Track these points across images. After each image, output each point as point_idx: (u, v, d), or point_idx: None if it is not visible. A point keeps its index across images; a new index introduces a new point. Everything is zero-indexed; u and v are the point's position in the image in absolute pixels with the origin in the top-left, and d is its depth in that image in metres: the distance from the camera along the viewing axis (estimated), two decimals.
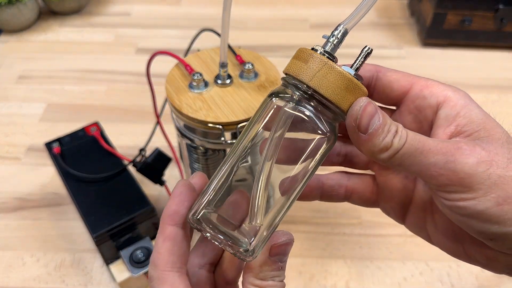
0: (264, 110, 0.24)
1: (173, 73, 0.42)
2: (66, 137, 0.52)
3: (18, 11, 0.86)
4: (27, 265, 0.52)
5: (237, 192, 0.26)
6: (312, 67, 0.22)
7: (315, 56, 0.23)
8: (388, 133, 0.22)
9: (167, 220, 0.25)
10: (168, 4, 0.99)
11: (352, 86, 0.23)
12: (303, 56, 0.23)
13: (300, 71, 0.23)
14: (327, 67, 0.22)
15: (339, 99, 0.22)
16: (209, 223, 0.24)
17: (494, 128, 0.23)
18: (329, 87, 0.22)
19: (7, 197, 0.60)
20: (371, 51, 0.24)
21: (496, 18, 0.80)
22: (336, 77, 0.22)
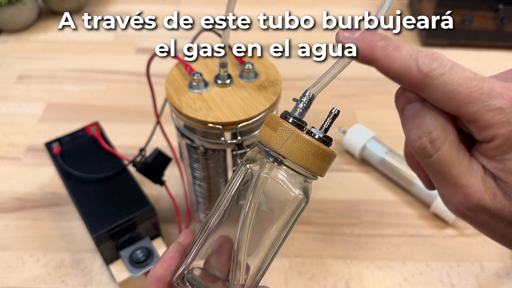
0: (238, 176, 0.26)
1: (173, 73, 0.42)
2: (66, 137, 0.52)
3: (18, 11, 0.86)
4: (27, 265, 0.52)
5: (220, 238, 0.27)
6: (281, 136, 0.24)
7: (283, 125, 0.24)
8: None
9: (152, 282, 0.25)
10: (168, 4, 0.99)
11: (319, 152, 0.24)
12: (272, 124, 0.25)
13: (270, 139, 0.24)
14: (294, 135, 0.24)
15: (308, 164, 0.24)
16: (194, 282, 0.26)
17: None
18: (297, 154, 0.24)
19: (6, 197, 0.60)
20: (338, 112, 0.25)
21: (496, 18, 0.80)
22: (303, 144, 0.24)
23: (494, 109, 0.20)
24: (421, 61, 0.21)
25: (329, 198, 0.59)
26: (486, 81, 0.21)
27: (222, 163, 0.45)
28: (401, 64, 0.21)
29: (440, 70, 0.21)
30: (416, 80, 0.21)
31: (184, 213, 0.56)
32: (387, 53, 0.22)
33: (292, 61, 0.85)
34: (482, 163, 0.22)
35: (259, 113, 0.38)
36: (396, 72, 0.22)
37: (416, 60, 0.21)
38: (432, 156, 0.22)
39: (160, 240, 0.50)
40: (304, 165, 0.24)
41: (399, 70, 0.22)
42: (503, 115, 0.20)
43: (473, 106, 0.21)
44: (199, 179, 0.46)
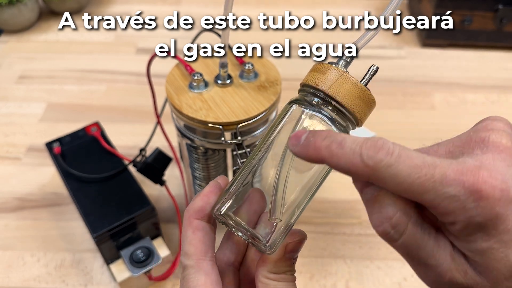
0: (284, 115, 0.27)
1: (173, 73, 0.42)
2: (67, 137, 0.52)
3: (18, 11, 0.86)
4: (27, 265, 0.52)
5: (253, 190, 0.27)
6: (329, 78, 0.25)
7: (333, 68, 0.25)
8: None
9: (193, 214, 0.26)
10: (168, 4, 0.99)
11: (365, 96, 0.26)
12: (320, 69, 0.26)
13: (318, 81, 0.25)
14: (343, 77, 0.25)
15: (353, 106, 0.25)
16: (230, 219, 0.26)
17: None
18: (345, 94, 0.25)
19: (7, 197, 0.60)
20: (377, 68, 0.27)
21: (496, 18, 0.80)
22: (351, 86, 0.25)
23: (449, 197, 0.20)
24: (365, 154, 0.20)
25: (328, 198, 0.60)
26: (438, 167, 0.20)
27: (222, 163, 0.45)
28: (346, 161, 0.21)
29: (386, 161, 0.20)
30: (365, 174, 0.21)
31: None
32: (331, 152, 0.21)
33: (292, 61, 0.85)
34: (450, 239, 0.22)
35: (259, 113, 0.38)
36: (344, 169, 0.21)
37: (360, 155, 0.20)
38: (398, 241, 0.22)
39: (160, 239, 0.50)
40: (350, 106, 0.25)
41: (346, 167, 0.21)
42: (459, 202, 0.20)
43: (428, 195, 0.20)
44: (199, 179, 0.46)
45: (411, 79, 0.80)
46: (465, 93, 0.77)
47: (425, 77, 0.80)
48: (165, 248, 0.49)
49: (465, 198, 0.20)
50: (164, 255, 0.48)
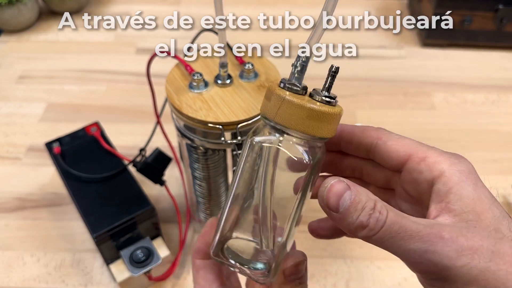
0: (246, 147, 0.26)
1: (173, 73, 0.42)
2: (66, 137, 0.52)
3: (18, 11, 0.86)
4: (27, 265, 0.52)
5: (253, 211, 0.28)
6: (274, 104, 0.24)
7: (275, 93, 0.24)
8: (362, 210, 0.21)
9: (194, 255, 0.29)
10: (168, 4, 0.99)
11: (314, 114, 0.23)
12: (267, 94, 0.25)
13: (266, 109, 0.24)
14: (286, 101, 0.23)
15: (304, 128, 0.23)
16: (230, 251, 0.27)
17: (485, 212, 0.22)
18: (291, 119, 0.23)
19: (7, 197, 0.60)
20: (337, 69, 0.25)
21: (496, 18, 0.80)
22: (294, 109, 0.23)
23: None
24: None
25: None
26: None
27: (222, 163, 0.45)
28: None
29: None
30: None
31: (184, 213, 0.56)
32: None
33: (292, 61, 0.85)
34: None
35: (259, 113, 0.38)
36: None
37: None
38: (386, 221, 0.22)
39: (160, 240, 0.50)
40: (300, 129, 0.23)
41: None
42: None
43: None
44: (199, 179, 0.46)
45: (411, 79, 0.80)
46: (465, 93, 0.77)
47: (425, 77, 0.80)
48: (165, 248, 0.49)
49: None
50: (164, 255, 0.48)
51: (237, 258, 0.26)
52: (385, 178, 0.28)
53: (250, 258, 0.27)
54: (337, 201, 0.22)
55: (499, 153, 0.66)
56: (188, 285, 0.51)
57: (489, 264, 0.20)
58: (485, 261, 0.20)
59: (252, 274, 0.26)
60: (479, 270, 0.20)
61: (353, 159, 0.29)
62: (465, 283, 0.21)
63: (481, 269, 0.20)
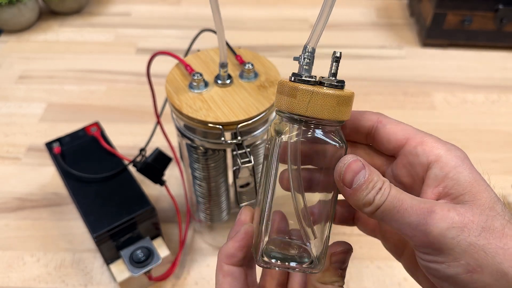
0: (276, 149, 0.26)
1: (173, 73, 0.42)
2: (67, 137, 0.52)
3: (18, 11, 0.86)
4: (27, 265, 0.52)
5: (275, 214, 0.28)
6: (302, 100, 0.24)
7: (301, 89, 0.24)
8: (372, 189, 0.23)
9: (224, 259, 0.27)
10: (168, 4, 0.99)
11: (342, 100, 0.24)
12: (289, 91, 0.25)
13: (293, 106, 0.24)
14: (315, 95, 0.24)
15: (336, 115, 0.24)
16: (275, 254, 0.27)
17: (481, 192, 0.23)
18: (323, 110, 0.24)
19: (7, 197, 0.60)
20: (340, 54, 0.25)
21: (496, 18, 0.80)
22: (326, 100, 0.24)
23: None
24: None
25: None
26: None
27: (222, 163, 0.45)
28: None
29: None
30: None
31: (184, 213, 0.56)
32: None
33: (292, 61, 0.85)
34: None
35: (259, 113, 0.38)
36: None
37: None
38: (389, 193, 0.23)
39: (160, 240, 0.50)
40: (333, 118, 0.24)
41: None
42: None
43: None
44: (199, 179, 0.46)
45: (412, 79, 0.80)
46: (465, 93, 0.77)
47: (425, 77, 0.80)
48: (165, 248, 0.49)
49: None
50: (164, 255, 0.48)
51: (281, 258, 0.27)
52: (380, 166, 0.28)
53: (295, 255, 0.27)
54: (352, 178, 0.23)
55: (499, 153, 0.66)
56: (188, 284, 0.51)
57: (478, 238, 0.21)
58: (474, 235, 0.21)
59: (300, 269, 0.27)
60: (468, 243, 0.21)
61: (349, 146, 0.29)
62: (456, 256, 0.22)
63: (470, 242, 0.21)
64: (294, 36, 0.90)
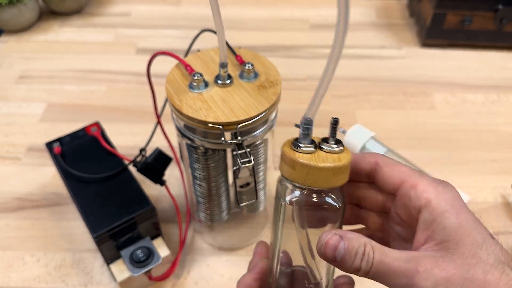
0: (281, 213, 0.30)
1: (173, 73, 0.43)
2: (67, 137, 0.52)
3: (18, 11, 0.86)
4: (27, 265, 0.52)
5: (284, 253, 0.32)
6: (301, 172, 0.27)
7: (299, 163, 0.27)
8: (355, 257, 0.25)
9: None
10: (168, 5, 0.99)
11: (338, 170, 0.27)
12: (289, 163, 0.27)
13: (293, 177, 0.27)
14: (312, 169, 0.27)
15: (333, 183, 0.27)
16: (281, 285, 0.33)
17: (464, 238, 0.24)
18: (321, 181, 0.27)
19: (7, 197, 0.60)
20: (337, 119, 0.28)
21: (496, 18, 0.80)
22: (322, 172, 0.27)
23: None
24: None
25: None
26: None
27: (222, 163, 0.45)
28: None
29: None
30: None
31: (184, 213, 0.56)
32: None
33: (292, 61, 0.85)
34: None
35: (259, 113, 0.38)
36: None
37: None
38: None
39: (160, 239, 0.50)
40: (330, 186, 0.27)
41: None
42: None
43: None
44: (199, 179, 0.46)
45: (411, 79, 0.80)
46: (465, 93, 0.77)
47: (425, 77, 0.81)
48: (165, 248, 0.49)
49: None
50: (164, 255, 0.48)
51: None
52: (382, 202, 0.30)
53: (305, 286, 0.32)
54: (333, 253, 0.26)
55: (498, 153, 0.66)
56: (188, 284, 0.51)
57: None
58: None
59: None
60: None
61: (352, 186, 0.31)
62: None
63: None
64: (294, 36, 0.90)
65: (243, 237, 0.56)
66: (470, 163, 0.64)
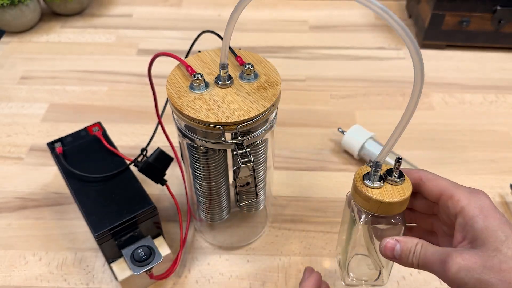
0: (356, 231, 0.40)
1: (174, 74, 0.43)
2: (68, 137, 0.53)
3: (20, 12, 0.87)
4: (29, 264, 0.53)
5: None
6: (374, 205, 0.36)
7: (372, 199, 0.35)
8: (409, 254, 0.34)
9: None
10: (169, 6, 1.00)
11: (402, 203, 0.35)
12: (364, 197, 0.36)
13: (367, 207, 0.36)
14: (383, 204, 0.35)
15: (397, 211, 0.36)
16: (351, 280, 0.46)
17: (488, 238, 0.31)
18: (389, 211, 0.36)
19: (9, 197, 0.60)
20: (401, 159, 0.35)
21: (494, 19, 0.81)
22: (391, 206, 0.35)
23: None
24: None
25: (328, 197, 0.60)
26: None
27: (222, 162, 0.46)
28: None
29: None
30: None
31: (185, 212, 0.57)
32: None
33: (292, 61, 0.86)
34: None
35: (259, 113, 0.39)
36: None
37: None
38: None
39: (161, 238, 0.50)
40: (396, 213, 0.36)
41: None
42: None
43: None
44: (200, 178, 0.47)
45: (410, 80, 0.80)
46: (463, 93, 0.77)
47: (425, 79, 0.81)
48: (166, 247, 0.49)
49: None
50: (165, 254, 0.49)
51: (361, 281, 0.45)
52: (430, 207, 0.38)
53: (370, 278, 0.45)
54: (392, 253, 0.35)
55: (497, 153, 0.67)
56: (188, 283, 0.51)
57: (481, 274, 0.30)
58: (477, 273, 0.30)
59: (372, 285, 0.45)
60: (476, 279, 0.30)
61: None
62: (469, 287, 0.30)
63: (477, 279, 0.30)
64: (294, 37, 0.90)
65: (243, 236, 0.56)
66: (468, 163, 0.65)
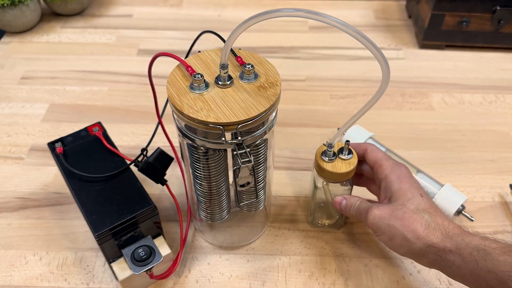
0: (317, 191, 0.54)
1: (174, 74, 0.43)
2: (69, 137, 0.53)
3: (20, 12, 0.87)
4: (29, 263, 0.53)
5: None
6: (327, 174, 0.48)
7: (326, 170, 0.48)
8: (351, 207, 0.48)
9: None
10: (169, 6, 1.00)
11: (347, 173, 0.48)
12: (321, 168, 0.49)
13: (323, 175, 0.49)
14: (333, 174, 0.48)
15: (345, 178, 0.49)
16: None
17: (400, 196, 0.43)
18: (339, 178, 0.49)
19: (10, 197, 0.60)
20: (349, 142, 0.48)
21: (493, 20, 0.81)
22: (339, 175, 0.48)
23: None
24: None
25: None
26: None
27: (222, 162, 0.46)
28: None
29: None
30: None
31: (185, 212, 0.57)
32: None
33: (292, 61, 0.86)
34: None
35: (259, 113, 0.39)
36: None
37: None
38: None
39: (161, 238, 0.50)
40: (344, 179, 0.49)
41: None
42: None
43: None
44: (200, 178, 0.47)
45: (409, 80, 0.80)
46: (462, 93, 0.78)
47: (423, 78, 0.81)
48: (166, 247, 0.50)
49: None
50: (165, 253, 0.49)
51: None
52: (372, 173, 0.50)
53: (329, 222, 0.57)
54: (339, 206, 0.50)
55: (496, 153, 0.67)
56: (189, 283, 0.51)
57: (389, 221, 0.42)
58: (387, 220, 0.42)
59: (331, 227, 0.57)
60: (386, 224, 0.42)
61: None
62: (381, 232, 0.43)
63: (387, 224, 0.42)
64: (293, 37, 0.90)
65: (243, 236, 0.56)
66: (468, 163, 0.65)
